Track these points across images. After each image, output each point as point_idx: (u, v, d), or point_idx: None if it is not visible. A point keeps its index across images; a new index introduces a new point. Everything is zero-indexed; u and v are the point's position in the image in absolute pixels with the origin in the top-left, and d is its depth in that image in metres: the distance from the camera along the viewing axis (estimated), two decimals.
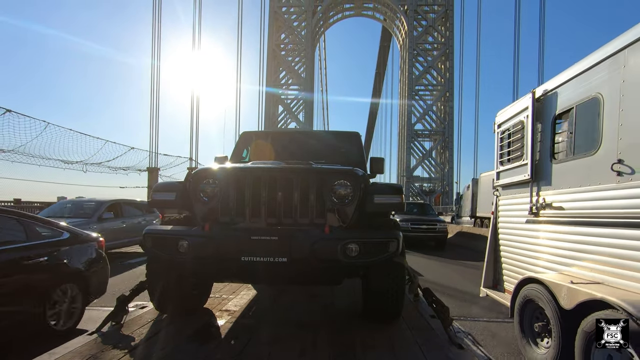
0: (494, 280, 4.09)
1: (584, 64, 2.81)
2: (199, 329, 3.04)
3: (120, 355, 2.45)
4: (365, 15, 39.67)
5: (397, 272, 3.02)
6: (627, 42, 2.44)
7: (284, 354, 2.59)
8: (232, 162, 4.22)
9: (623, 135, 2.36)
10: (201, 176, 2.94)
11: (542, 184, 3.29)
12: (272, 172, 2.86)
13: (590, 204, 2.69)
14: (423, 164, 33.85)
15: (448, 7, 32.72)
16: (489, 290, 3.96)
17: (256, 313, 3.62)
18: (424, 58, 33.53)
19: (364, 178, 3.01)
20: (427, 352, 2.60)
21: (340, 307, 3.90)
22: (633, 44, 2.40)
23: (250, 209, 2.78)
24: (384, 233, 2.82)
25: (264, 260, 2.57)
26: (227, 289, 4.50)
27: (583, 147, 2.82)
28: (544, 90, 3.29)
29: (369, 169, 4.30)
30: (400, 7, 33.46)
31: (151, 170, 17.15)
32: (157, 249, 2.78)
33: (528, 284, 2.97)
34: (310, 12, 34.48)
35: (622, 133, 2.38)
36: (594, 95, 2.67)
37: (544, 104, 3.33)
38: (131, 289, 3.24)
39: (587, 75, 2.79)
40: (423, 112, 33.54)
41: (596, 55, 2.68)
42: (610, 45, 2.59)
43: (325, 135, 5.70)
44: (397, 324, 3.22)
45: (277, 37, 35.59)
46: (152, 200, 3.11)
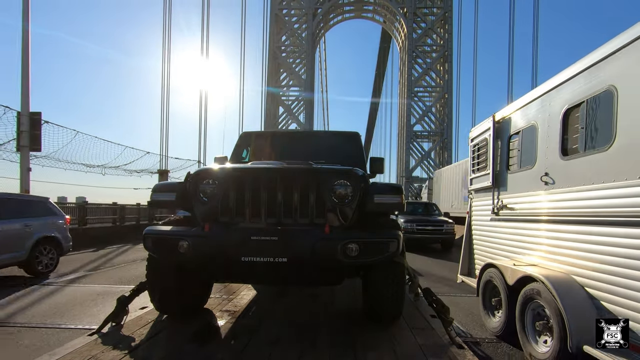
0: (468, 269, 4.91)
1: (525, 100, 3.74)
2: (199, 330, 3.04)
3: (120, 356, 2.45)
4: (365, 17, 39.81)
5: (397, 272, 3.02)
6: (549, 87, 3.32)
7: (284, 354, 2.59)
8: (231, 163, 4.23)
9: (549, 156, 3.21)
10: (201, 176, 2.94)
11: (500, 190, 4.13)
12: (272, 172, 2.85)
13: (528, 206, 3.54)
14: (422, 164, 33.96)
15: (447, 9, 32.87)
16: (464, 277, 4.82)
17: (256, 313, 3.62)
18: (422, 60, 33.64)
19: (364, 178, 3.01)
20: (427, 352, 2.60)
21: (340, 307, 3.90)
22: (552, 90, 3.28)
23: (250, 209, 2.78)
24: (384, 233, 2.82)
25: (264, 260, 2.56)
26: (227, 289, 4.50)
27: (526, 162, 3.62)
28: (502, 115, 4.14)
29: (369, 169, 4.30)
30: (400, 10, 33.61)
31: (162, 172, 17.86)
32: (157, 249, 2.78)
33: (488, 269, 3.84)
34: (310, 14, 34.59)
35: (548, 154, 3.23)
36: (532, 123, 3.54)
37: (501, 125, 4.17)
38: (131, 290, 3.24)
39: (527, 108, 3.67)
40: (422, 114, 33.64)
41: (533, 93, 3.60)
42: (540, 88, 3.48)
43: (325, 135, 5.70)
44: (398, 324, 3.22)
45: (278, 39, 35.71)
46: (152, 200, 3.10)
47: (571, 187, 2.90)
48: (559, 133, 3.10)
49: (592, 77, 2.77)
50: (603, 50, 2.69)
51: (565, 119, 3.04)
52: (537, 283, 2.88)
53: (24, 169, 9.81)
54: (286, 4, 35.72)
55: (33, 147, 9.86)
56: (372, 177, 4.25)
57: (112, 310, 3.07)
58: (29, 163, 9.87)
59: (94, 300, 4.57)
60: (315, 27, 35.72)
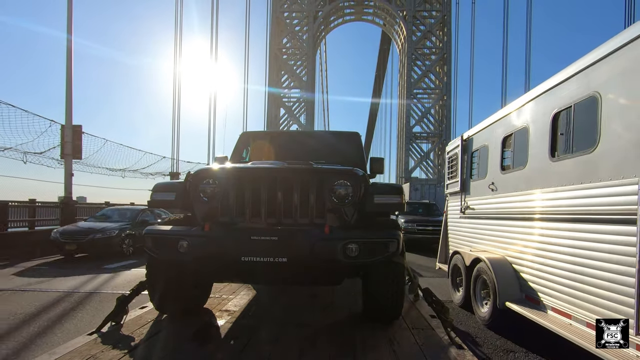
0: (445, 257, 5.97)
1: (480, 126, 4.90)
2: (199, 329, 3.04)
3: (120, 356, 2.45)
4: (365, 20, 39.94)
5: (397, 272, 3.02)
6: (494, 120, 4.48)
7: (284, 354, 2.59)
8: (232, 163, 4.22)
9: (494, 170, 4.40)
10: (201, 176, 2.94)
11: (466, 194, 5.31)
12: (272, 172, 2.85)
13: (482, 207, 4.74)
14: (421, 165, 34.08)
15: (446, 13, 33.03)
16: (440, 264, 6.12)
17: (256, 313, 3.62)
18: (422, 62, 33.78)
19: (364, 178, 3.01)
20: (427, 352, 2.60)
21: (340, 307, 3.90)
22: (494, 123, 4.47)
23: (250, 209, 2.78)
24: (384, 233, 2.81)
25: (263, 260, 2.56)
26: (227, 289, 4.50)
27: (481, 173, 4.81)
28: (467, 135, 5.33)
29: (369, 169, 4.30)
30: (399, 13, 33.77)
31: (173, 175, 19.39)
32: (157, 249, 2.78)
33: (455, 255, 5.17)
34: (311, 17, 34.72)
35: (493, 169, 4.43)
36: (485, 144, 4.71)
37: (467, 143, 5.35)
38: (131, 289, 3.24)
39: (482, 132, 4.87)
40: (421, 115, 33.77)
41: (485, 122, 4.75)
42: (489, 119, 4.62)
43: (325, 135, 5.69)
44: (397, 324, 3.22)
45: (279, 41, 35.84)
46: (152, 200, 3.10)
47: (506, 193, 4.10)
48: (499, 154, 4.32)
49: (512, 119, 4.06)
50: (520, 100, 3.91)
51: (503, 145, 4.26)
52: (482, 263, 4.06)
53: (67, 175, 11.09)
54: (287, 6, 35.88)
55: (75, 156, 11.27)
56: (372, 177, 4.25)
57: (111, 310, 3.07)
58: (72, 169, 11.21)
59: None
60: (316, 30, 35.87)
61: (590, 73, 2.90)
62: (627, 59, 2.54)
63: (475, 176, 5.02)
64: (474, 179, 5.02)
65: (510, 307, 3.55)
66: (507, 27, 28.70)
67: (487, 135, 4.65)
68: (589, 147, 2.86)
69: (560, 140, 3.27)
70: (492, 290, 3.81)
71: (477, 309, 4.23)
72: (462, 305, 4.77)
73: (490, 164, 4.49)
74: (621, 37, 2.60)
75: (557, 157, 3.25)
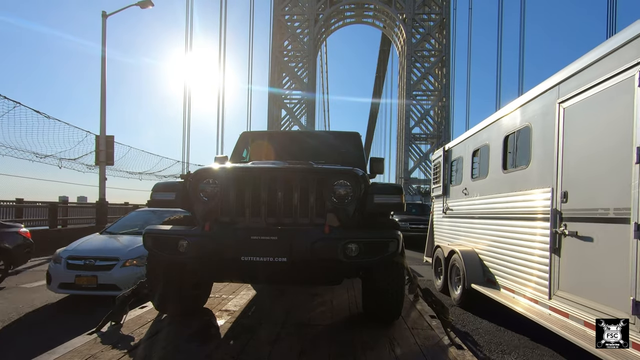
0: (431, 251, 6.84)
1: (457, 140, 5.99)
2: (199, 329, 3.04)
3: (120, 355, 2.45)
4: (365, 22, 40.10)
5: (397, 272, 3.02)
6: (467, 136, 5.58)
7: (284, 353, 2.59)
8: (232, 162, 4.22)
9: (467, 178, 5.42)
10: (201, 176, 2.94)
11: (447, 197, 6.25)
12: (272, 172, 2.85)
13: (458, 208, 5.73)
14: (420, 166, 34.15)
15: (445, 16, 33.12)
16: (427, 257, 7.16)
17: (256, 313, 3.61)
18: (421, 64, 33.94)
19: (364, 178, 3.01)
20: (427, 352, 2.60)
21: (340, 307, 3.89)
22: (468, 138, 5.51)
23: (250, 209, 2.77)
24: (384, 233, 2.81)
25: (263, 260, 2.56)
26: (227, 289, 4.49)
27: (458, 180, 5.80)
28: (448, 147, 6.35)
29: (369, 169, 4.30)
30: (399, 16, 33.88)
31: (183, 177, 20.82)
32: (157, 249, 2.77)
33: (437, 249, 6.20)
34: (312, 19, 34.84)
35: (466, 176, 5.44)
36: (461, 156, 5.75)
37: (448, 153, 6.33)
38: (131, 289, 3.24)
39: (458, 146, 5.94)
40: (420, 117, 33.92)
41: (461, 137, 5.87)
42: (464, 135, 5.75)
43: (325, 135, 5.68)
44: (397, 324, 3.22)
45: (281, 44, 35.99)
46: (152, 200, 3.10)
47: (474, 197, 5.06)
48: (470, 165, 5.28)
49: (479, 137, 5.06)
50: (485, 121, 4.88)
51: (472, 157, 5.20)
52: (456, 254, 5.04)
53: (101, 179, 12.62)
54: (288, 10, 36.04)
55: (108, 162, 12.83)
56: (372, 177, 4.25)
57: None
58: (105, 174, 12.72)
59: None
60: (316, 32, 36.07)
61: (526, 108, 3.84)
62: (542, 104, 3.54)
63: (454, 182, 5.99)
64: (453, 184, 5.98)
65: (475, 288, 4.51)
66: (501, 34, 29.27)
67: (462, 148, 5.65)
68: (526, 164, 3.77)
69: (509, 157, 4.19)
70: (462, 276, 4.81)
71: (452, 292, 5.33)
72: (442, 290, 5.80)
73: (464, 173, 5.49)
74: (541, 86, 3.54)
75: (507, 170, 4.18)
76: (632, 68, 2.46)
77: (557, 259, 3.18)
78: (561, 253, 3.14)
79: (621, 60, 2.57)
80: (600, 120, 2.77)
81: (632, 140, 2.41)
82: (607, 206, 2.65)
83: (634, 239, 2.33)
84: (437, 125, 33.68)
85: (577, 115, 3.04)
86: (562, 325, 2.96)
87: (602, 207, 2.70)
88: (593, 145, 2.84)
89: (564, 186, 3.14)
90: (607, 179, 2.67)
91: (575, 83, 3.05)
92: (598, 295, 2.71)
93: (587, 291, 2.83)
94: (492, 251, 4.43)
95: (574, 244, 3.00)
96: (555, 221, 3.19)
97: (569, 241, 3.05)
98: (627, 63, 2.49)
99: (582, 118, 2.98)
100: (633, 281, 2.34)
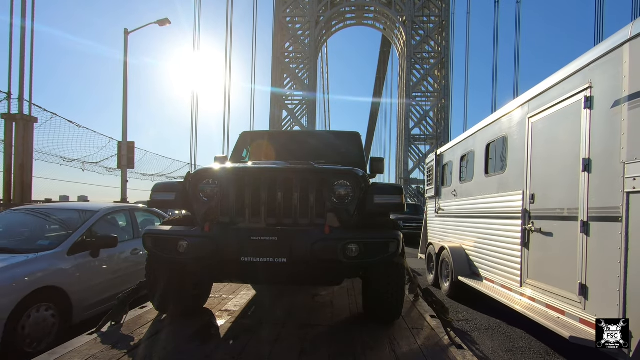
0: (425, 249, 7.21)
1: (448, 145, 6.43)
2: (199, 329, 3.03)
3: (120, 355, 2.45)
4: (365, 24, 40.18)
5: (397, 272, 3.01)
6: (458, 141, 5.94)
7: (284, 354, 2.58)
8: (232, 162, 4.22)
9: (455, 181, 5.87)
10: (201, 176, 2.93)
11: (439, 198, 6.72)
12: (272, 172, 2.85)
13: (448, 208, 6.15)
14: (420, 166, 34.20)
15: (444, 18, 33.24)
16: (421, 254, 7.52)
17: (256, 313, 3.61)
18: (420, 66, 33.99)
19: (364, 178, 3.00)
20: (427, 352, 2.60)
21: (340, 307, 3.89)
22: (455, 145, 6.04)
23: (250, 209, 2.77)
24: (385, 233, 2.81)
25: (263, 260, 2.55)
26: (227, 289, 4.49)
27: (448, 182, 6.28)
28: (440, 151, 6.82)
29: (369, 169, 4.30)
30: (399, 18, 33.98)
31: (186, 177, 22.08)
32: (157, 249, 2.77)
33: (429, 246, 6.65)
34: (313, 22, 34.93)
35: (455, 179, 5.89)
36: (450, 160, 6.19)
37: (440, 158, 6.81)
38: (131, 289, 3.24)
39: (448, 151, 6.37)
40: (420, 118, 33.97)
41: (451, 143, 6.33)
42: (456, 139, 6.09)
43: (325, 135, 5.68)
44: (397, 324, 3.22)
45: (282, 46, 36.09)
46: (151, 200, 3.10)
47: (462, 198, 5.51)
48: (458, 169, 5.72)
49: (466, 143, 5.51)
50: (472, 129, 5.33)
51: (460, 163, 5.67)
52: (445, 250, 5.48)
53: (123, 182, 13.44)
54: (290, 11, 36.18)
55: (129, 166, 13.62)
56: (373, 177, 4.25)
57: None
58: (126, 177, 13.55)
59: None
60: (317, 34, 36.15)
61: (503, 120, 4.33)
62: (516, 117, 4.01)
63: (445, 184, 6.51)
64: (444, 186, 6.51)
65: (461, 280, 4.94)
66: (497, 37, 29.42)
67: (452, 153, 6.13)
68: (503, 169, 4.26)
69: (490, 163, 4.66)
70: (450, 270, 5.24)
71: (442, 285, 5.77)
72: (433, 284, 6.21)
73: (454, 176, 5.98)
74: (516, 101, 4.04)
75: (489, 174, 4.66)
76: (579, 93, 2.96)
77: (526, 252, 3.67)
78: (530, 247, 3.62)
79: (573, 85, 3.06)
80: (558, 134, 3.26)
81: (579, 152, 2.91)
82: (563, 206, 3.12)
83: (580, 233, 2.85)
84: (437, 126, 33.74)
85: (541, 128, 3.53)
86: (529, 308, 3.46)
87: (559, 207, 3.17)
88: (553, 154, 3.34)
89: (532, 189, 3.62)
90: (562, 183, 3.15)
91: (540, 101, 3.54)
92: (556, 281, 3.19)
93: (548, 278, 3.32)
94: (476, 247, 4.87)
95: (539, 239, 3.48)
96: (525, 219, 3.68)
97: (535, 236, 3.53)
98: (577, 88, 2.99)
99: (545, 131, 3.48)
100: (580, 267, 2.85)
